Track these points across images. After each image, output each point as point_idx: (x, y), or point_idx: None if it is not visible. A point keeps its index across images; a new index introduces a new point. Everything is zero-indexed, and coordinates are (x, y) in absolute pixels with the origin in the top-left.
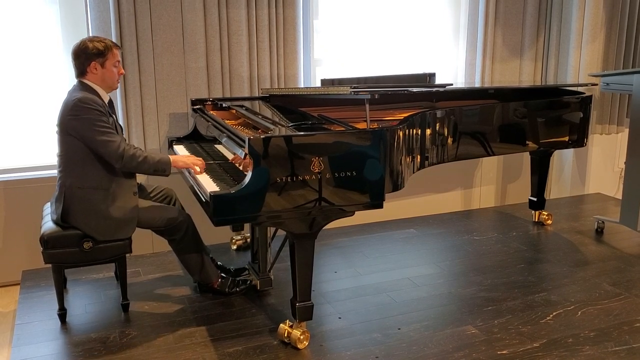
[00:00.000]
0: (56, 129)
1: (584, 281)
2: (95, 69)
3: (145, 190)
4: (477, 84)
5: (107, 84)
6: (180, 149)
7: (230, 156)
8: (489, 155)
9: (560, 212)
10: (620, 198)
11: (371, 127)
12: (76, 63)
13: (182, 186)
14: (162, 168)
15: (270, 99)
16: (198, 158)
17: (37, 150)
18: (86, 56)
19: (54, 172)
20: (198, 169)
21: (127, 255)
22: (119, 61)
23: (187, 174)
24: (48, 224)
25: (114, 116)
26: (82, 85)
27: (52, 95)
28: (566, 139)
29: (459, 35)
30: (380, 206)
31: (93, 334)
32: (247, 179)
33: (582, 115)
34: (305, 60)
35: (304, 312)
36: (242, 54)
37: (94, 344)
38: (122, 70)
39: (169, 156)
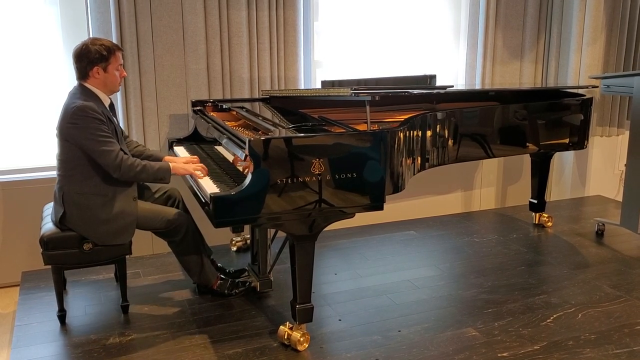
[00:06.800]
0: (55, 132)
1: (584, 283)
2: (98, 73)
3: (149, 191)
4: (478, 86)
5: (109, 88)
6: (180, 151)
7: (230, 157)
8: (489, 157)
9: (560, 215)
10: (621, 200)
11: (372, 128)
12: (78, 66)
13: (182, 186)
14: (161, 176)
15: (270, 101)
16: (198, 164)
17: (37, 151)
18: (89, 60)
19: (54, 174)
20: (200, 174)
21: (127, 256)
22: (121, 64)
23: (187, 175)
24: (48, 225)
25: (114, 119)
26: (82, 89)
27: (52, 96)
28: (566, 141)
29: (459, 37)
30: (381, 208)
31: (93, 336)
32: (247, 181)
33: (582, 118)
34: (306, 62)
35: (304, 314)
36: (243, 55)
37: (94, 345)
38: (124, 73)
39: (169, 163)
